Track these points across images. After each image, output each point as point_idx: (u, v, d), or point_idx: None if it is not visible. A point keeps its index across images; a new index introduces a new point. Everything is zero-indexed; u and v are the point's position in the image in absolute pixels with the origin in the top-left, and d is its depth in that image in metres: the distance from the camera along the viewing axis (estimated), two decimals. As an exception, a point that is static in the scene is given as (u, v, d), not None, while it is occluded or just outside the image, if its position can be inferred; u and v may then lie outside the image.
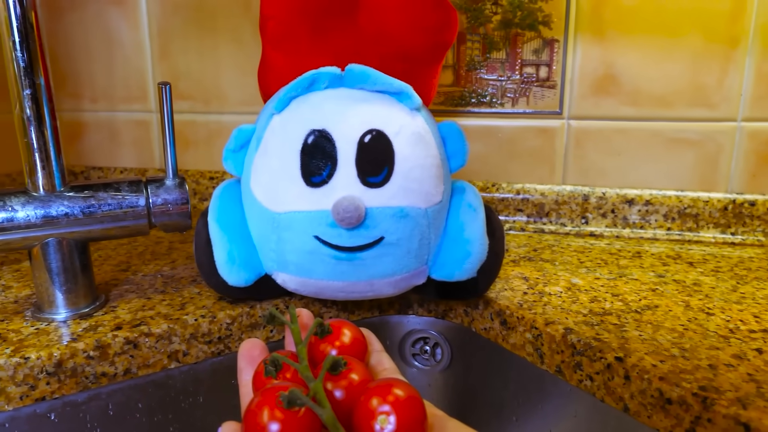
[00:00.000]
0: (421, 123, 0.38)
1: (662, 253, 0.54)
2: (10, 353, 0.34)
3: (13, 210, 0.37)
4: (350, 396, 0.23)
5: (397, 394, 0.21)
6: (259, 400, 0.21)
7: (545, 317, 0.40)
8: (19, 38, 0.35)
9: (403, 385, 0.22)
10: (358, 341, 0.27)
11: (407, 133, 0.37)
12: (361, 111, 0.37)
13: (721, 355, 0.34)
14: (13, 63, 0.36)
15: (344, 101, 0.38)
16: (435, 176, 0.38)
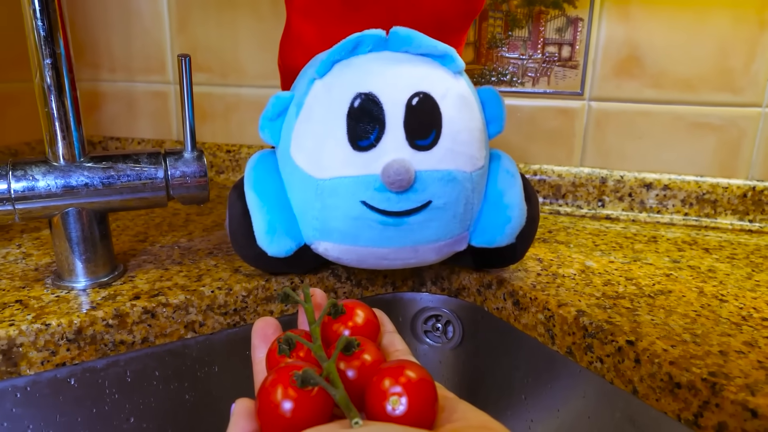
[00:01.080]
0: (465, 86, 0.38)
1: (678, 238, 0.54)
2: (31, 319, 0.36)
3: (34, 179, 0.38)
4: (362, 376, 0.23)
5: (409, 376, 0.21)
6: (273, 378, 0.21)
7: (558, 299, 0.40)
8: (39, 6, 0.36)
9: (415, 366, 0.22)
10: (370, 322, 0.28)
11: (453, 96, 0.37)
12: (408, 74, 0.37)
13: (733, 342, 0.34)
14: (33, 32, 0.36)
15: (390, 64, 0.37)
16: (479, 140, 0.38)
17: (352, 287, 0.47)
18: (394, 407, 0.21)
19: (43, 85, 0.37)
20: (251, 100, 0.69)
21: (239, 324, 0.42)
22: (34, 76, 0.37)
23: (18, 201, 0.37)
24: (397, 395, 0.21)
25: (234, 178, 0.72)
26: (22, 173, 0.37)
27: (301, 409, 0.20)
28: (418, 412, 0.21)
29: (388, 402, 0.21)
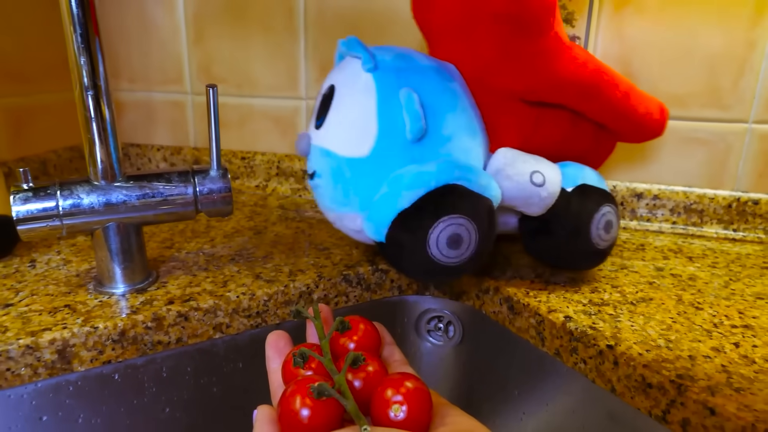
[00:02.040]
0: (368, 82, 0.43)
1: (665, 246, 0.59)
2: (81, 323, 0.41)
3: (79, 198, 0.43)
4: (367, 385, 0.27)
5: (408, 386, 0.26)
6: (292, 390, 0.25)
7: (548, 305, 0.45)
8: (84, 51, 0.41)
9: (413, 378, 0.27)
10: (372, 335, 0.32)
11: (348, 88, 0.45)
12: (336, 71, 0.46)
13: (702, 348, 0.39)
14: (77, 67, 0.41)
15: (340, 66, 0.47)
16: (362, 130, 0.44)
17: (362, 291, 0.52)
18: (396, 414, 0.25)
19: (86, 115, 0.42)
20: (264, 109, 0.74)
21: (261, 325, 0.47)
22: (78, 106, 0.42)
23: (65, 217, 0.42)
24: (398, 403, 0.25)
25: (249, 183, 0.77)
26: (68, 192, 0.42)
27: (317, 416, 0.25)
28: (416, 417, 0.25)
29: (391, 409, 0.25)
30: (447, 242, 0.41)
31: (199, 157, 0.78)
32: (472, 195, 0.42)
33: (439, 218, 0.41)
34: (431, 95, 0.43)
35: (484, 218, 0.42)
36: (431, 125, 0.42)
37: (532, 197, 0.45)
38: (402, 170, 0.42)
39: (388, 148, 0.42)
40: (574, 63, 0.42)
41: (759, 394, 0.34)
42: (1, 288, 0.46)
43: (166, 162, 0.80)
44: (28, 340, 0.39)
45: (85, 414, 0.43)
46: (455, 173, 0.41)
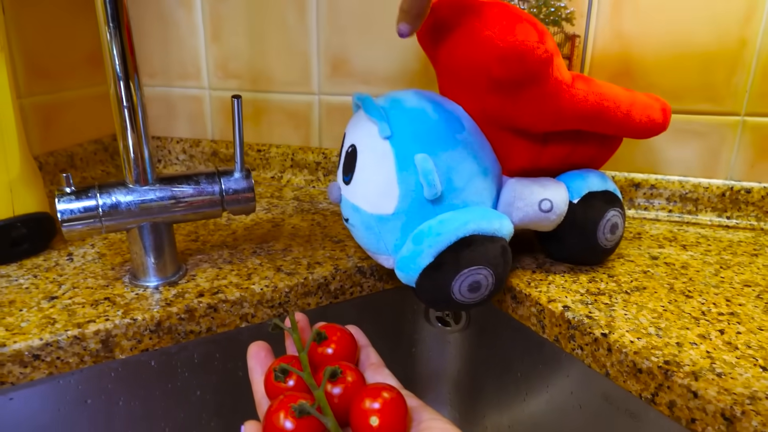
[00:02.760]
0: (386, 148, 0.45)
1: (660, 234, 0.61)
2: (121, 315, 0.44)
3: (117, 200, 0.46)
4: (346, 394, 0.30)
5: (384, 396, 0.28)
6: (275, 407, 0.27)
7: (548, 295, 0.48)
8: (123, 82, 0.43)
9: (389, 388, 0.28)
10: (349, 342, 0.34)
11: (370, 152, 0.46)
12: (354, 129, 0.49)
13: (689, 335, 0.42)
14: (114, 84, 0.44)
15: (356, 121, 0.49)
16: (384, 193, 0.46)
17: (375, 281, 0.55)
18: (373, 422, 0.27)
19: (123, 125, 0.45)
20: (278, 104, 0.77)
21: (283, 314, 0.51)
22: (115, 119, 0.45)
23: (105, 218, 0.46)
24: (376, 412, 0.28)
25: (264, 174, 0.80)
26: (107, 195, 0.46)
27: (300, 431, 0.27)
28: (392, 424, 0.28)
29: (369, 418, 0.27)
30: (468, 289, 0.45)
31: (216, 149, 0.81)
32: (486, 241, 0.45)
33: (460, 272, 0.44)
34: (444, 153, 0.45)
35: (499, 261, 0.46)
36: (445, 181, 0.45)
37: (542, 221, 0.49)
38: (423, 226, 0.45)
39: (410, 206, 0.45)
40: (574, 100, 0.44)
41: (739, 378, 0.37)
42: (45, 281, 0.50)
43: (185, 154, 0.83)
44: (75, 331, 0.42)
45: (125, 397, 0.47)
46: (470, 226, 0.44)
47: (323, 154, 0.76)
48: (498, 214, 0.47)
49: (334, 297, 0.53)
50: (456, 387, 0.61)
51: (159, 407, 0.48)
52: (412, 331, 0.61)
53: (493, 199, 0.49)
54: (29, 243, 0.54)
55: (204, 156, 0.82)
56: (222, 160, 0.81)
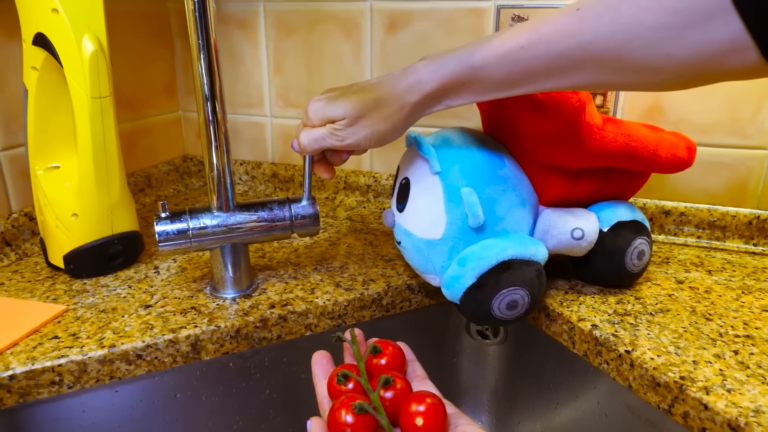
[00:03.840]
0: (436, 182, 0.52)
1: (688, 259, 0.66)
2: (207, 322, 0.52)
3: (204, 224, 0.54)
4: (396, 399, 0.35)
5: (427, 402, 0.33)
6: (339, 405, 0.33)
7: (578, 315, 0.54)
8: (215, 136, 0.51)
9: (432, 395, 0.34)
10: (399, 356, 0.39)
11: (422, 185, 0.53)
12: (407, 163, 0.57)
13: (705, 354, 0.47)
14: (205, 126, 0.52)
15: (410, 155, 0.57)
16: (433, 220, 0.52)
17: (423, 297, 0.62)
18: (418, 422, 0.33)
19: (211, 159, 0.53)
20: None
21: (341, 325, 0.58)
22: (203, 143, 0.53)
23: (194, 238, 0.54)
24: (420, 414, 0.33)
25: (320, 195, 0.88)
26: (196, 219, 0.54)
27: (358, 427, 0.33)
28: (434, 425, 0.33)
29: (415, 419, 0.33)
30: (506, 307, 0.52)
31: (276, 171, 0.89)
32: (523, 265, 0.51)
33: (499, 292, 0.51)
34: (487, 186, 0.52)
35: (535, 283, 0.52)
36: (487, 211, 0.52)
37: (574, 248, 0.55)
38: (467, 251, 0.51)
39: (455, 233, 0.52)
40: (604, 141, 0.50)
41: (746, 394, 0.42)
42: (139, 291, 0.59)
43: (248, 175, 0.91)
44: (170, 335, 0.51)
45: (207, 393, 0.55)
46: (509, 251, 0.51)
47: (374, 177, 0.84)
48: (534, 241, 0.53)
49: (386, 311, 0.60)
50: (494, 395, 0.67)
51: (234, 403, 0.56)
52: (455, 343, 0.67)
53: (530, 227, 0.55)
54: (123, 257, 0.63)
55: (264, 177, 0.91)
56: (281, 181, 0.90)
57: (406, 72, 0.48)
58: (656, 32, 0.36)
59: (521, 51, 0.42)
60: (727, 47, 0.34)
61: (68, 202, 0.58)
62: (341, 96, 0.50)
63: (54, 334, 0.50)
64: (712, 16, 0.33)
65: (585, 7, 0.39)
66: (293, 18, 0.81)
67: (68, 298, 0.57)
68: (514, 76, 0.43)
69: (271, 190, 0.91)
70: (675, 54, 0.36)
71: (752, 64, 0.34)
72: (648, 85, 0.40)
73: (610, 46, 0.38)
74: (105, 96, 0.56)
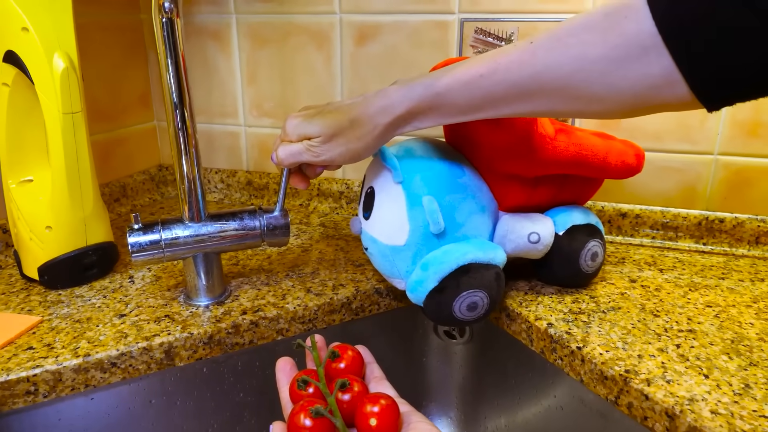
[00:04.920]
0: (398, 192, 0.55)
1: (642, 259, 0.70)
2: (180, 330, 0.55)
3: (176, 234, 0.56)
4: (353, 401, 0.36)
5: (381, 403, 0.35)
6: (297, 410, 0.35)
7: (536, 314, 0.57)
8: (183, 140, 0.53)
9: (386, 396, 0.35)
10: (357, 359, 0.41)
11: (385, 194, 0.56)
12: (372, 174, 0.59)
13: (649, 349, 0.51)
14: (176, 140, 0.54)
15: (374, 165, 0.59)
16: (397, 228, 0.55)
17: (391, 300, 0.64)
18: (372, 423, 0.34)
19: (181, 169, 0.55)
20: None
21: (312, 329, 0.60)
22: (173, 152, 0.55)
23: (166, 248, 0.56)
24: (374, 415, 0.34)
25: (294, 202, 0.90)
26: (168, 230, 0.56)
27: (315, 429, 0.34)
28: (387, 425, 0.34)
29: (369, 420, 0.34)
30: (467, 308, 0.54)
31: (251, 179, 0.92)
32: (482, 268, 0.54)
33: (459, 294, 0.54)
34: (447, 195, 0.55)
35: (493, 285, 0.55)
36: (448, 218, 0.55)
37: (531, 251, 0.59)
38: (429, 256, 0.54)
39: (418, 239, 0.54)
40: (556, 151, 0.53)
41: (683, 384, 0.45)
42: (113, 300, 0.60)
43: (223, 183, 0.93)
44: (144, 343, 0.53)
45: (182, 398, 0.57)
46: (468, 256, 0.53)
47: (346, 184, 0.86)
48: (493, 246, 0.56)
49: (355, 314, 0.63)
50: (461, 392, 0.70)
51: (209, 406, 0.58)
52: (423, 344, 0.70)
53: (489, 232, 0.58)
54: (98, 268, 0.65)
55: (239, 185, 0.93)
56: (256, 189, 0.92)
57: (378, 94, 0.50)
58: (599, 65, 0.39)
59: (480, 79, 0.45)
60: (660, 81, 0.37)
61: (42, 214, 0.59)
62: (317, 115, 0.52)
63: (29, 345, 0.52)
64: (647, 52, 0.37)
65: (537, 42, 0.43)
66: (266, 30, 0.84)
67: (43, 309, 0.58)
68: (476, 102, 0.47)
69: (246, 197, 0.93)
70: (616, 85, 0.39)
71: (683, 98, 0.38)
72: (594, 114, 0.44)
73: (558, 77, 0.42)
74: (77, 111, 0.58)
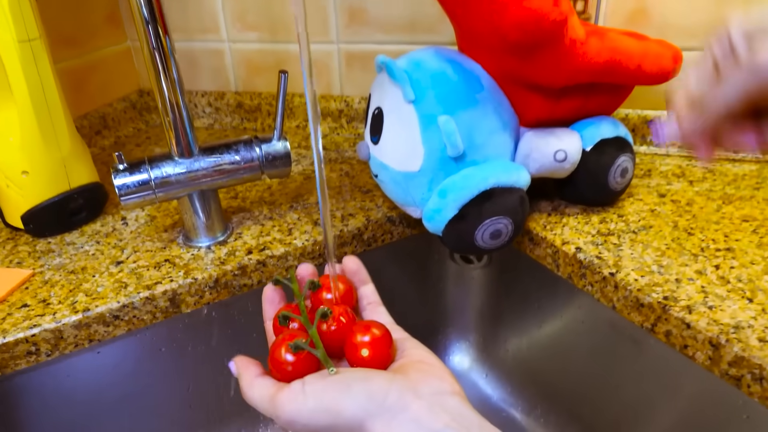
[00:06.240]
0: (411, 112, 0.49)
1: (670, 170, 0.66)
2: (183, 275, 0.51)
3: (166, 173, 0.51)
4: (340, 330, 0.34)
5: (373, 332, 0.33)
6: (278, 343, 0.33)
7: (562, 238, 0.54)
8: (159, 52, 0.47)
9: (377, 324, 0.34)
10: (346, 289, 0.39)
11: (396, 115, 0.51)
12: (379, 92, 0.53)
13: (687, 271, 0.48)
14: (152, 63, 0.48)
15: (380, 84, 0.53)
16: (409, 152, 0.51)
17: (404, 228, 0.61)
18: (363, 353, 0.33)
19: (163, 95, 0.49)
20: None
21: (323, 263, 0.57)
22: (155, 95, 0.49)
23: (157, 189, 0.51)
24: (366, 345, 0.33)
25: (289, 124, 0.84)
26: (157, 168, 0.51)
27: (299, 363, 0.32)
28: (380, 355, 0.33)
29: (360, 350, 0.32)
30: (490, 237, 0.51)
31: (240, 101, 0.85)
32: (506, 193, 0.50)
33: (482, 222, 0.50)
34: (464, 112, 0.49)
35: (518, 210, 0.51)
36: (466, 139, 0.49)
37: (557, 171, 0.54)
38: (447, 181, 0.49)
39: (434, 164, 0.50)
40: (587, 57, 0.47)
41: (727, 310, 0.43)
42: (107, 246, 0.57)
43: (211, 107, 0.87)
44: (146, 293, 0.49)
45: (193, 344, 0.55)
46: (490, 180, 0.49)
47: (345, 102, 0.80)
48: (516, 167, 0.52)
49: (367, 245, 0.59)
50: (480, 316, 0.69)
51: (221, 349, 0.56)
52: (439, 269, 0.68)
53: (511, 152, 0.54)
54: (86, 211, 0.61)
55: (229, 108, 0.86)
56: (247, 111, 0.86)
57: None
58: None
59: None
60: None
61: (15, 158, 0.54)
62: None
63: (23, 302, 0.49)
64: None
65: None
66: (241, -72, 0.74)
67: (33, 260, 0.55)
68: None
69: (237, 121, 0.87)
70: None
71: None
72: None
73: None
74: (34, 38, 0.51)
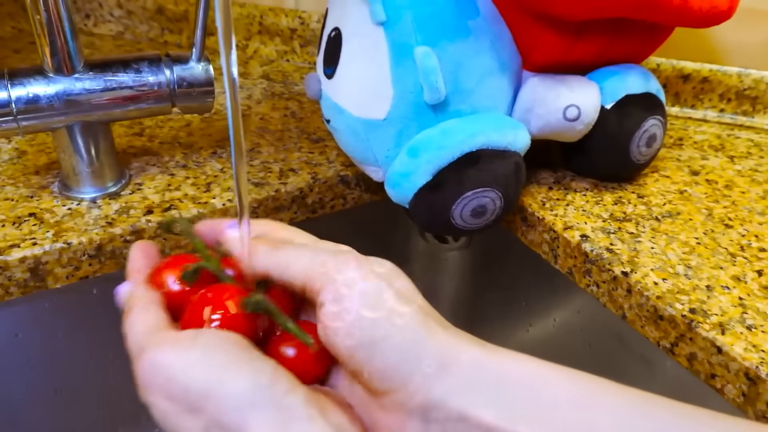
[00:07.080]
0: (380, 37, 0.44)
1: (706, 141, 0.61)
2: (52, 238, 0.44)
3: (34, 93, 0.44)
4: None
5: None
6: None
7: (565, 220, 0.49)
8: None
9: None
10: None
11: (358, 41, 0.45)
12: (338, 7, 0.47)
13: (722, 276, 0.43)
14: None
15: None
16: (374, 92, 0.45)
17: (362, 192, 0.55)
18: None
19: (34, -8, 0.41)
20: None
21: (249, 233, 0.51)
22: (22, -18, 0.41)
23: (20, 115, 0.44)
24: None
25: (224, 41, 0.76)
26: (20, 86, 0.43)
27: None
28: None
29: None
30: (471, 214, 0.46)
31: (162, 4, 0.77)
32: (497, 158, 0.45)
33: (463, 194, 0.44)
34: (451, 44, 0.44)
35: (511, 181, 0.46)
36: (452, 81, 0.44)
37: (566, 131, 0.49)
38: (421, 136, 0.44)
39: (405, 110, 0.44)
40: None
41: (772, 333, 0.39)
42: (-44, 187, 0.49)
43: (122, 9, 0.78)
44: (-2, 257, 0.43)
45: (66, 329, 0.49)
46: (478, 139, 0.44)
47: (300, 18, 0.73)
48: (513, 123, 0.47)
49: (311, 211, 0.54)
50: (452, 309, 0.64)
51: (106, 337, 0.50)
52: (404, 247, 0.63)
53: (508, 102, 0.48)
54: (-68, 136, 0.53)
55: (146, 13, 0.78)
56: (170, 20, 0.77)
57: None
58: None
59: None
60: None
61: None
62: None
63: None
64: None
65: None
66: None
67: None
68: None
69: (157, 32, 0.79)
70: None
71: None
72: None
73: None
74: None
